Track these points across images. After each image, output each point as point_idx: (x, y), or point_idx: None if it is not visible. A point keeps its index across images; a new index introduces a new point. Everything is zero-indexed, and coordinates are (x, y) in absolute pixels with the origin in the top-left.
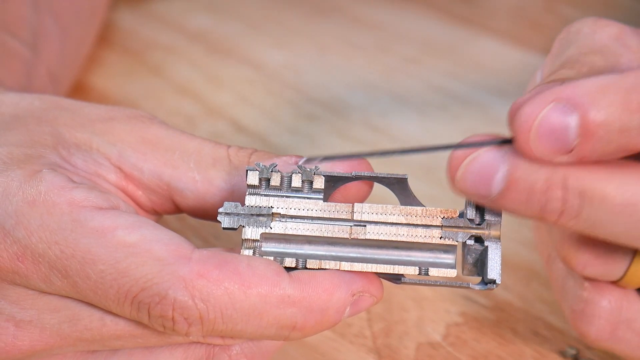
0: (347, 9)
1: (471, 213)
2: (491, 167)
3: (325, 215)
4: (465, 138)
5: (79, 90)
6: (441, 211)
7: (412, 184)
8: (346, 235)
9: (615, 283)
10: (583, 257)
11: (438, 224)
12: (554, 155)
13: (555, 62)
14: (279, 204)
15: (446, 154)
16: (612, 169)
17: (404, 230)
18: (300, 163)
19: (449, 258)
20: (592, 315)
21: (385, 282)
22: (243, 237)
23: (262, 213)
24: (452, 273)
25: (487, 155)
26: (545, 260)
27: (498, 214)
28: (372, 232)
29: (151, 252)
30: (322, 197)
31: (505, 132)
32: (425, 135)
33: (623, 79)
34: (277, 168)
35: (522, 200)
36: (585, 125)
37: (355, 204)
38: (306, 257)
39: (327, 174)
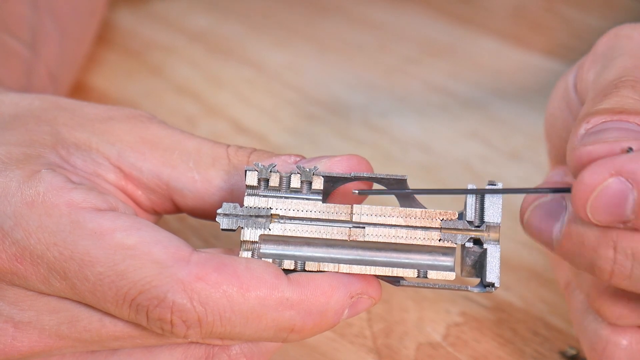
0: (347, 9)
1: (470, 215)
2: (554, 216)
3: (324, 217)
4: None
5: (79, 90)
6: (440, 213)
7: (411, 184)
8: (345, 237)
9: None
10: (617, 310)
11: (437, 226)
12: (608, 224)
13: (609, 69)
14: (277, 205)
15: (447, 154)
16: None
17: (403, 232)
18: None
19: (447, 260)
20: (612, 357)
21: (386, 283)
22: (242, 239)
23: (261, 214)
24: (450, 276)
25: (552, 203)
26: (564, 287)
27: (497, 216)
28: (371, 234)
29: (150, 255)
30: (321, 198)
31: (506, 134)
32: (425, 135)
33: None
34: (276, 168)
35: (575, 253)
36: None
37: (354, 205)
38: (305, 259)
39: (326, 174)
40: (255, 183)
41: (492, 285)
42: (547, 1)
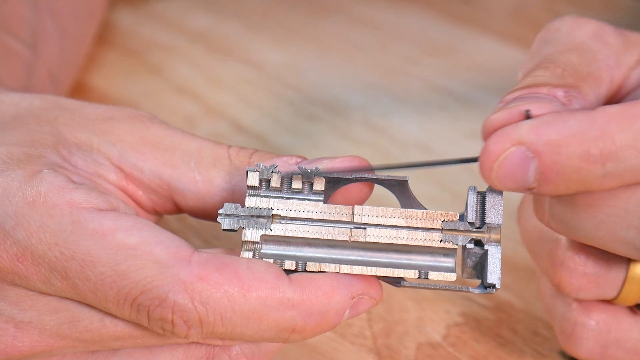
0: (347, 9)
1: (471, 216)
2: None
3: (325, 218)
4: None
5: (79, 90)
6: (441, 214)
7: (411, 184)
8: (346, 238)
9: (609, 301)
10: (575, 283)
11: (438, 227)
12: (514, 191)
13: (533, 60)
14: (279, 206)
15: (447, 154)
16: None
17: (404, 233)
18: (297, 165)
19: (448, 262)
20: (581, 338)
21: (386, 283)
22: (243, 239)
23: (262, 214)
24: (451, 277)
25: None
26: (537, 277)
27: (498, 217)
28: (373, 235)
29: (151, 255)
30: (322, 198)
31: None
32: (425, 135)
33: (590, 127)
34: (277, 169)
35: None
36: (544, 173)
37: (356, 206)
38: (306, 259)
39: (328, 175)
40: (256, 184)
41: (493, 286)
42: (547, 1)
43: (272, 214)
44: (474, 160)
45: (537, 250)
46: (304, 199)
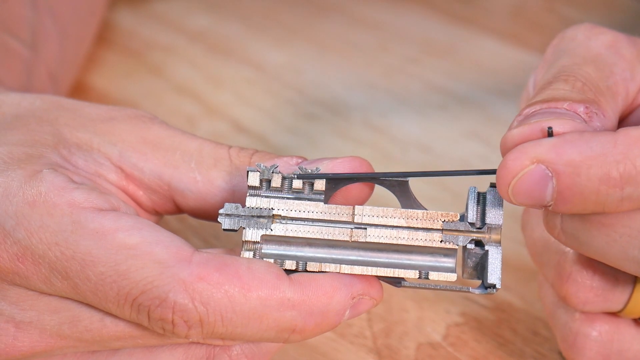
0: (347, 9)
1: (472, 217)
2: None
3: (326, 218)
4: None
5: (79, 90)
6: (442, 214)
7: (412, 184)
8: (347, 238)
9: (613, 313)
10: (582, 296)
11: (439, 228)
12: (529, 206)
13: (550, 70)
14: (279, 206)
15: (447, 154)
16: None
17: (404, 233)
18: (298, 166)
19: (449, 262)
20: (583, 348)
21: (386, 283)
22: (243, 239)
23: (263, 214)
24: (452, 277)
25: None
26: (538, 284)
27: (499, 218)
28: (373, 235)
29: (152, 255)
30: (322, 199)
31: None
32: (425, 135)
33: (612, 149)
34: (278, 169)
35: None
36: (561, 193)
37: (356, 206)
38: (306, 259)
39: (329, 177)
40: (257, 184)
41: (494, 286)
42: (547, 1)
43: (273, 214)
44: (491, 172)
45: (542, 261)
46: (305, 199)
